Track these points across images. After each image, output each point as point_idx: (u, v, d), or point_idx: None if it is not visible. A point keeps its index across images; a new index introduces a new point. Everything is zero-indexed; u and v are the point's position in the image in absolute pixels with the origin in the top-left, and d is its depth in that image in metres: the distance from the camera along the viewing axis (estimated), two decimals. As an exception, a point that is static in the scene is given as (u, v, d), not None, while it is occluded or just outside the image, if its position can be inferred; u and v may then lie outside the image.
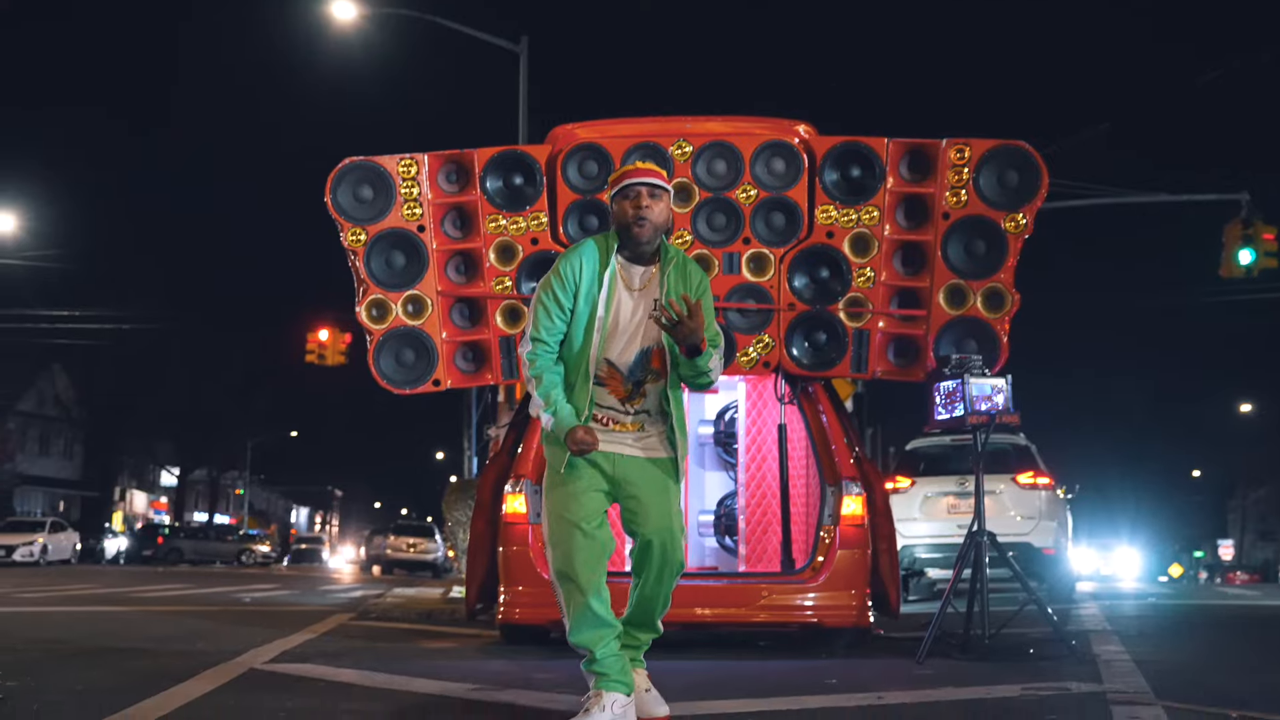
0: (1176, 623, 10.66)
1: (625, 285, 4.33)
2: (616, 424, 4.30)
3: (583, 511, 4.22)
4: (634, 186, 4.30)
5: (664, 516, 4.26)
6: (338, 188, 7.35)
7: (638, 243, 4.30)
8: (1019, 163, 7.23)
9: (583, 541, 4.19)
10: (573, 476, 4.26)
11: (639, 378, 4.30)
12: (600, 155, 7.39)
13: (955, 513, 14.19)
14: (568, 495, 4.25)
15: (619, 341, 4.28)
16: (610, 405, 4.30)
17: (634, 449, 4.30)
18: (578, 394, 4.27)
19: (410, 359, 7.45)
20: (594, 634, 4.18)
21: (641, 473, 4.29)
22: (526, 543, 7.16)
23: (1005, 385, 6.84)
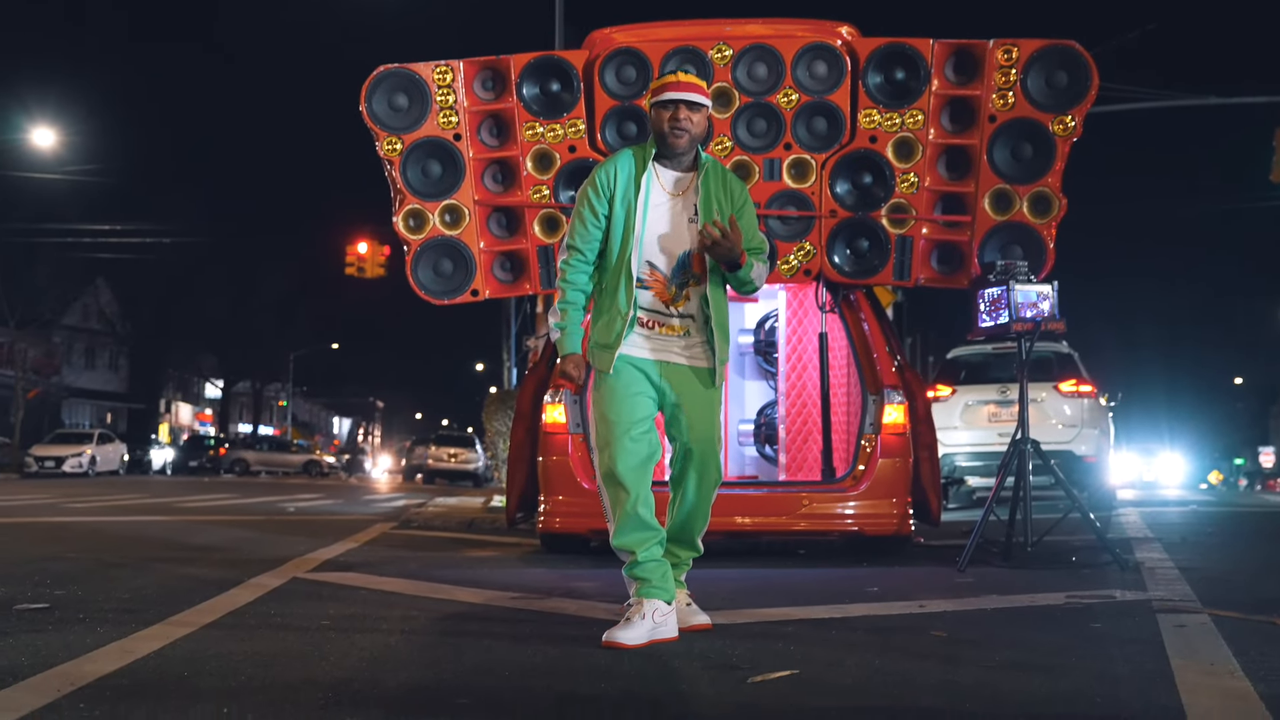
0: (1219, 530, 10.59)
1: (663, 189, 4.34)
2: (662, 326, 4.30)
3: (630, 415, 4.23)
4: (673, 100, 4.30)
5: (708, 426, 4.31)
6: (372, 96, 7.26)
7: (674, 151, 4.33)
8: (1068, 63, 7.03)
9: (630, 445, 4.20)
10: (620, 381, 4.27)
11: (681, 280, 4.31)
12: (638, 60, 7.25)
13: (996, 421, 14.12)
14: (615, 399, 4.26)
15: (660, 245, 4.29)
16: (655, 308, 4.30)
17: (680, 356, 4.31)
18: (622, 296, 4.27)
19: (448, 269, 7.40)
20: (638, 536, 4.20)
21: (687, 381, 4.30)
22: (566, 452, 7.16)
23: (1051, 292, 6.73)
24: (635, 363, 4.28)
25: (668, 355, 4.30)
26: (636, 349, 4.29)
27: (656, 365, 4.29)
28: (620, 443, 4.20)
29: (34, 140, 31.34)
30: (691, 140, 4.32)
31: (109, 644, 3.93)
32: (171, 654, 3.78)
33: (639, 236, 4.28)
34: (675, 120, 4.28)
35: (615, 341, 4.27)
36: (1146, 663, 3.62)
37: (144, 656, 3.72)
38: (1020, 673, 3.49)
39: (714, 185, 4.35)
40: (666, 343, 4.30)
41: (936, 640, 4.14)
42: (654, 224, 4.30)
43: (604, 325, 4.30)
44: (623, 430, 4.20)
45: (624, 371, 4.27)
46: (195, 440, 52.58)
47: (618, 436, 4.20)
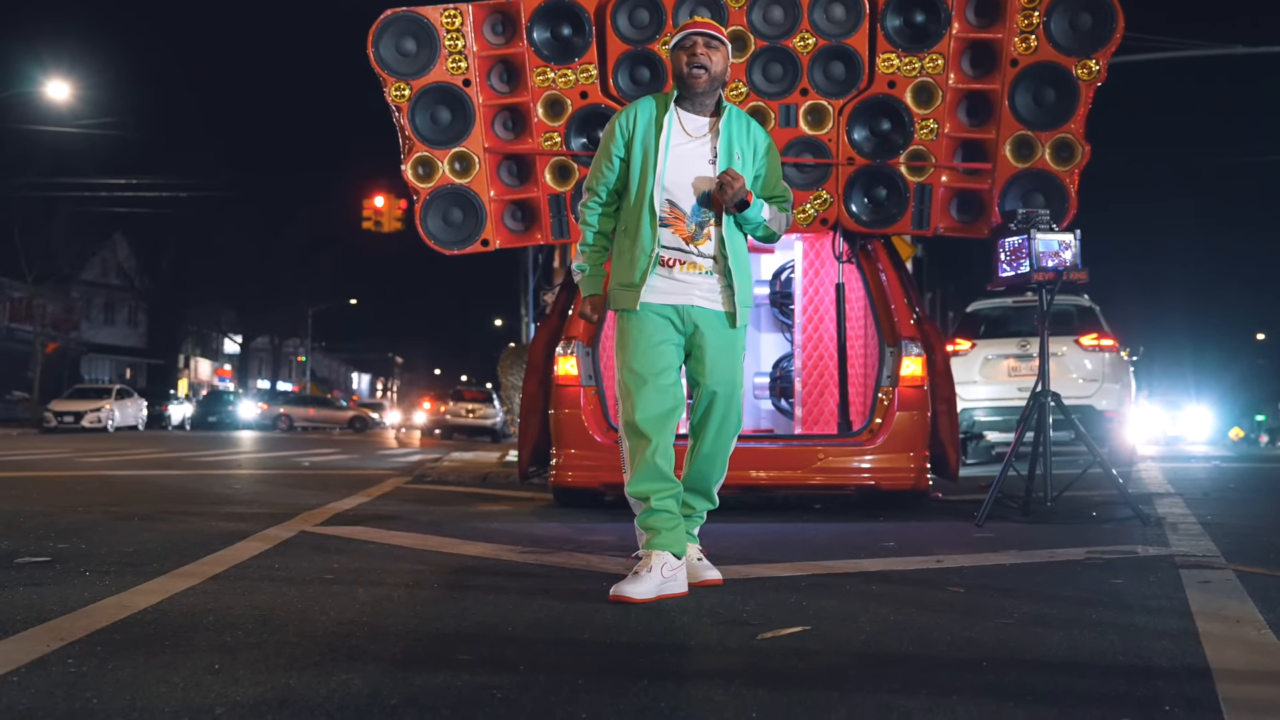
0: (1242, 485, 10.44)
1: (684, 131, 4.31)
2: (684, 264, 4.25)
3: (655, 364, 4.19)
4: (690, 36, 4.29)
5: (730, 370, 4.28)
6: (379, 41, 7.11)
7: (694, 91, 4.28)
8: (1092, 5, 6.83)
9: (654, 395, 4.15)
10: (645, 328, 4.22)
11: (702, 219, 4.27)
12: (652, 3, 7.07)
13: (1015, 375, 13.98)
14: (639, 348, 4.21)
15: (680, 183, 4.26)
16: (676, 246, 4.26)
17: (703, 299, 4.26)
18: (646, 232, 4.23)
19: (458, 218, 7.27)
20: (654, 485, 4.13)
21: (709, 324, 4.26)
22: (578, 405, 7.05)
23: (1074, 241, 6.58)
24: (658, 310, 4.23)
25: (689, 298, 4.25)
26: (659, 294, 4.23)
27: (678, 310, 4.24)
28: (643, 392, 4.15)
29: (49, 93, 31.22)
30: (711, 80, 4.28)
31: (106, 598, 3.85)
32: (169, 608, 3.70)
33: (660, 176, 4.24)
34: (693, 57, 4.25)
35: (640, 280, 4.22)
36: (1170, 619, 3.51)
37: (140, 610, 3.64)
38: (1040, 629, 3.37)
39: (736, 130, 4.32)
40: (688, 284, 4.24)
41: (953, 595, 4.03)
42: (674, 164, 4.26)
43: (626, 264, 4.26)
44: (647, 380, 4.16)
45: (648, 320, 4.22)
46: (214, 395, 52.71)
47: (641, 386, 4.16)
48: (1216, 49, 24.32)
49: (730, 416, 4.30)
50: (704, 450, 4.31)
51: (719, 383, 4.25)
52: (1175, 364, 63.11)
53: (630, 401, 4.18)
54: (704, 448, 4.31)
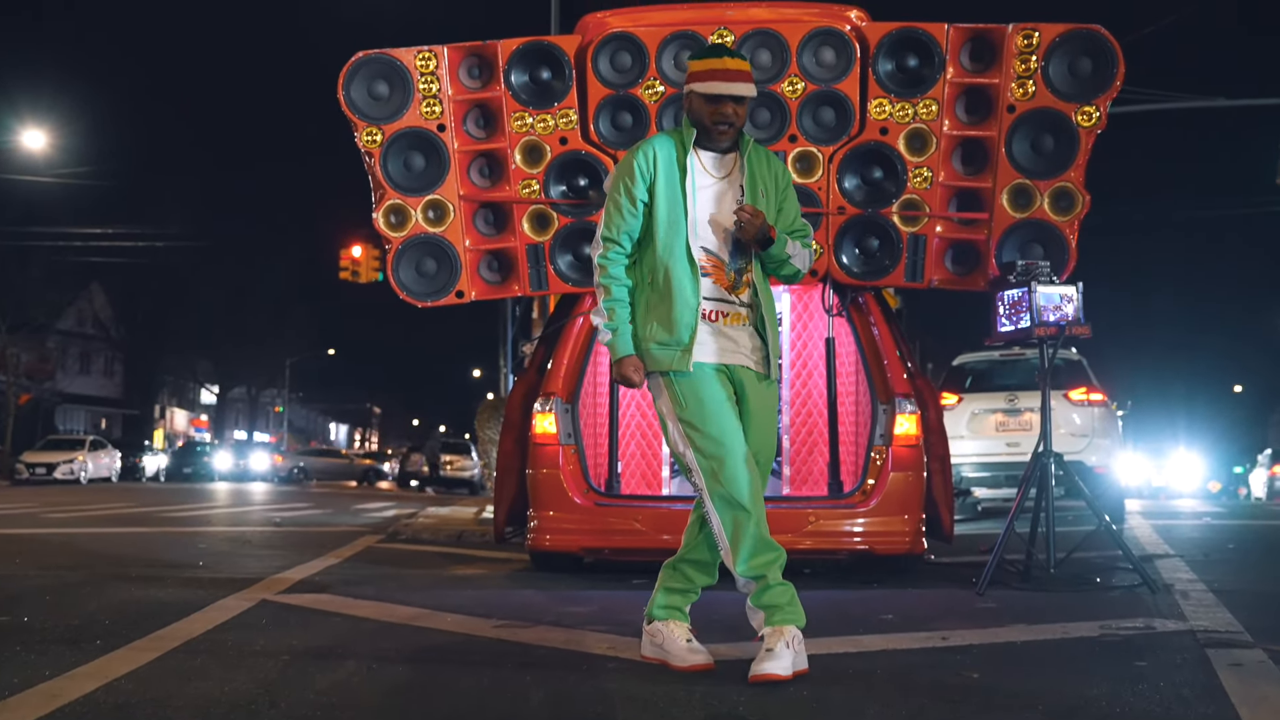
0: (1240, 545, 10.14)
1: (707, 172, 4.05)
2: (727, 316, 3.99)
3: (733, 427, 3.91)
4: (720, 96, 3.96)
5: (770, 435, 4.08)
6: (351, 84, 6.81)
7: (719, 144, 4.06)
8: (1092, 49, 6.59)
9: (743, 461, 3.86)
10: (708, 389, 3.93)
11: (739, 265, 4.02)
12: (634, 46, 6.80)
13: (1004, 430, 13.68)
14: (711, 411, 3.91)
15: (713, 229, 4.01)
16: (718, 296, 3.99)
17: (749, 359, 4.00)
18: (687, 286, 3.94)
19: (431, 269, 6.95)
20: (767, 558, 3.84)
21: (753, 387, 4.01)
22: (557, 465, 6.71)
23: (1076, 294, 6.31)
24: (712, 366, 3.96)
25: (736, 358, 3.99)
26: (709, 352, 3.97)
27: (728, 369, 3.99)
28: (733, 460, 3.84)
29: (25, 142, 30.91)
30: (735, 133, 4.05)
31: (38, 684, 3.50)
32: (103, 699, 3.34)
33: (693, 223, 3.98)
34: (721, 115, 3.98)
35: (689, 338, 3.93)
36: (1209, 707, 3.18)
37: (71, 701, 3.29)
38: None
39: (758, 165, 4.07)
40: (733, 340, 3.98)
41: (968, 681, 3.69)
42: (704, 208, 4.01)
43: (665, 321, 3.95)
44: (732, 446, 3.86)
45: (708, 379, 3.94)
46: (189, 446, 52.06)
47: (728, 454, 3.85)
48: (1198, 101, 24.36)
49: (767, 473, 4.08)
50: None
51: (760, 448, 4.00)
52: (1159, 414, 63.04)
53: (721, 473, 3.84)
54: None
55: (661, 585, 4.10)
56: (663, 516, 6.68)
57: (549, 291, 7.07)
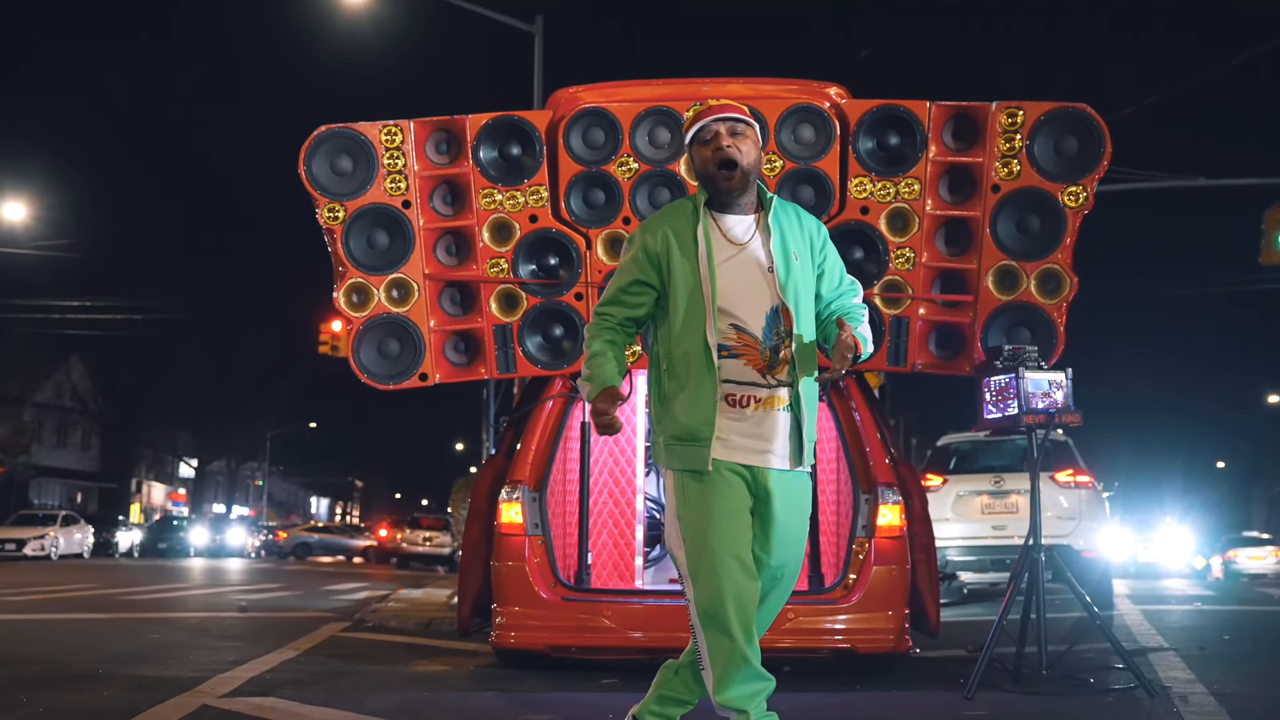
0: (1236, 636, 9.82)
1: (726, 239, 3.62)
2: (758, 402, 3.57)
3: (739, 540, 3.53)
4: (708, 127, 3.63)
5: (798, 543, 3.69)
6: (312, 158, 6.57)
7: (727, 193, 3.63)
8: (1079, 128, 6.40)
9: (741, 577, 3.49)
10: (719, 492, 3.53)
11: (774, 342, 3.58)
12: (607, 122, 6.59)
13: (990, 513, 13.38)
14: (719, 518, 3.52)
15: (739, 302, 3.58)
16: (750, 380, 3.57)
17: (779, 457, 3.59)
18: (705, 378, 3.54)
19: (394, 350, 6.67)
20: (749, 689, 3.48)
21: (784, 490, 3.61)
22: (523, 557, 6.39)
23: (1065, 380, 6.04)
24: (733, 469, 3.56)
25: (764, 458, 3.58)
26: (733, 450, 3.56)
27: (752, 471, 3.58)
28: (728, 576, 3.48)
29: (4, 214, 30.68)
30: (745, 174, 3.63)
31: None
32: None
33: (712, 299, 3.56)
34: (719, 151, 3.60)
35: (707, 431, 3.53)
36: None
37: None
38: None
39: (786, 223, 3.67)
40: (763, 433, 3.57)
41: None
42: (728, 281, 3.59)
43: (684, 412, 3.57)
44: (730, 561, 3.49)
45: (724, 483, 3.55)
46: (165, 521, 51.32)
47: (725, 568, 3.48)
48: (1180, 180, 24.37)
49: (783, 596, 3.70)
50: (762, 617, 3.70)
51: (785, 560, 3.63)
52: (1146, 490, 62.81)
53: (712, 587, 3.48)
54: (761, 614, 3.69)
55: (656, 688, 3.75)
56: (633, 613, 6.36)
57: (517, 374, 6.80)
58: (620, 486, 7.34)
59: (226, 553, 45.47)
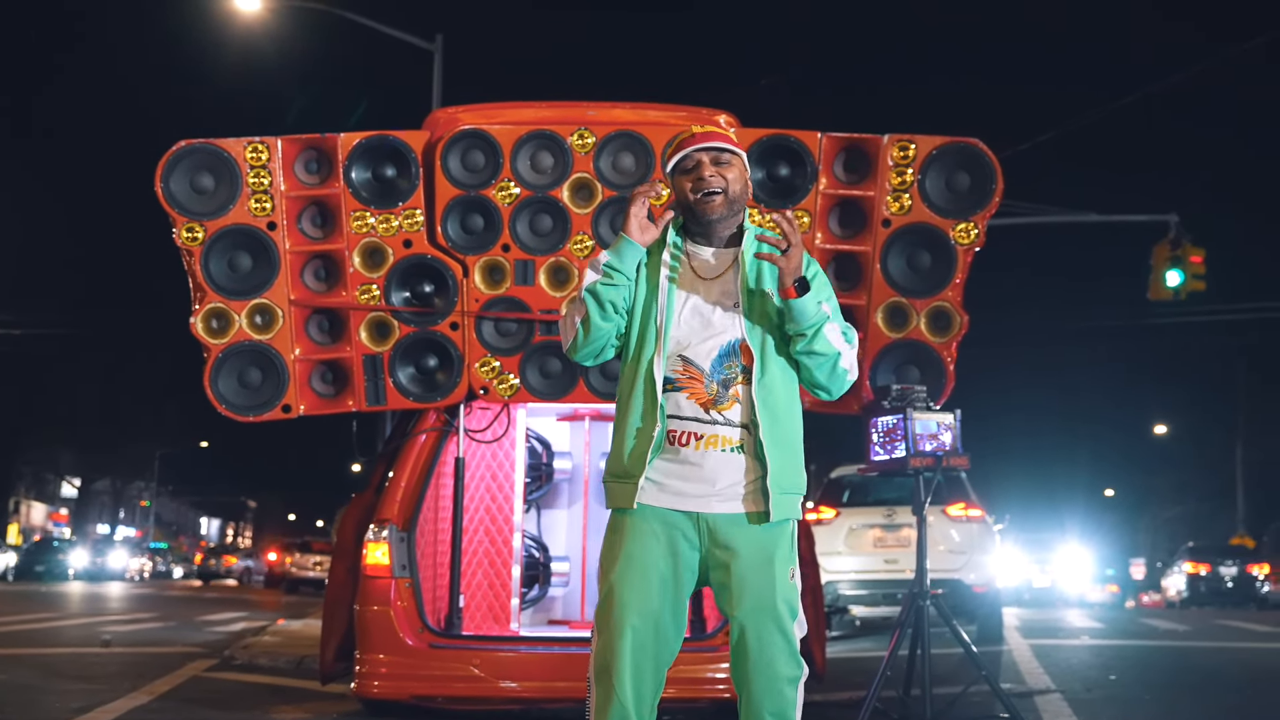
0: (1121, 675, 9.77)
1: (694, 271, 3.45)
2: (700, 439, 3.33)
3: (647, 595, 3.27)
4: (690, 156, 3.44)
5: (766, 594, 3.30)
6: (170, 174, 6.17)
7: (708, 218, 3.44)
8: (970, 163, 6.26)
9: (639, 629, 3.25)
10: (639, 543, 3.30)
11: (725, 376, 3.36)
12: (487, 144, 6.30)
13: (882, 546, 13.31)
14: (631, 568, 3.30)
15: (694, 334, 3.39)
16: (693, 415, 3.34)
17: (723, 503, 3.32)
18: (640, 406, 3.34)
19: (256, 380, 6.29)
20: None
21: (736, 534, 3.32)
22: (389, 601, 6.05)
23: (954, 422, 5.89)
24: (663, 516, 3.31)
25: (708, 503, 3.31)
26: (665, 494, 3.32)
27: (691, 518, 3.32)
28: (625, 631, 3.24)
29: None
30: (728, 203, 3.46)
31: None
32: None
33: (664, 328, 3.38)
34: (700, 180, 3.42)
35: (638, 469, 3.30)
36: None
37: None
38: None
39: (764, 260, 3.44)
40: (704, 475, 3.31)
41: None
42: (686, 312, 3.41)
43: (620, 445, 3.38)
44: (631, 615, 3.25)
45: (646, 532, 3.31)
46: (43, 542, 49.58)
47: (623, 620, 3.25)
48: (1071, 216, 24.75)
49: (777, 661, 3.28)
50: (752, 708, 3.30)
51: (753, 613, 3.28)
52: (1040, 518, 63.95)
53: (607, 642, 3.26)
54: (751, 705, 3.30)
55: None
56: (504, 661, 6.05)
57: (387, 407, 6.45)
58: (497, 524, 7.04)
59: (107, 576, 44.05)
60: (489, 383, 6.31)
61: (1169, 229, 22.66)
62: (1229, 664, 11.21)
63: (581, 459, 7.42)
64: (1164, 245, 22.55)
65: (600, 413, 7.28)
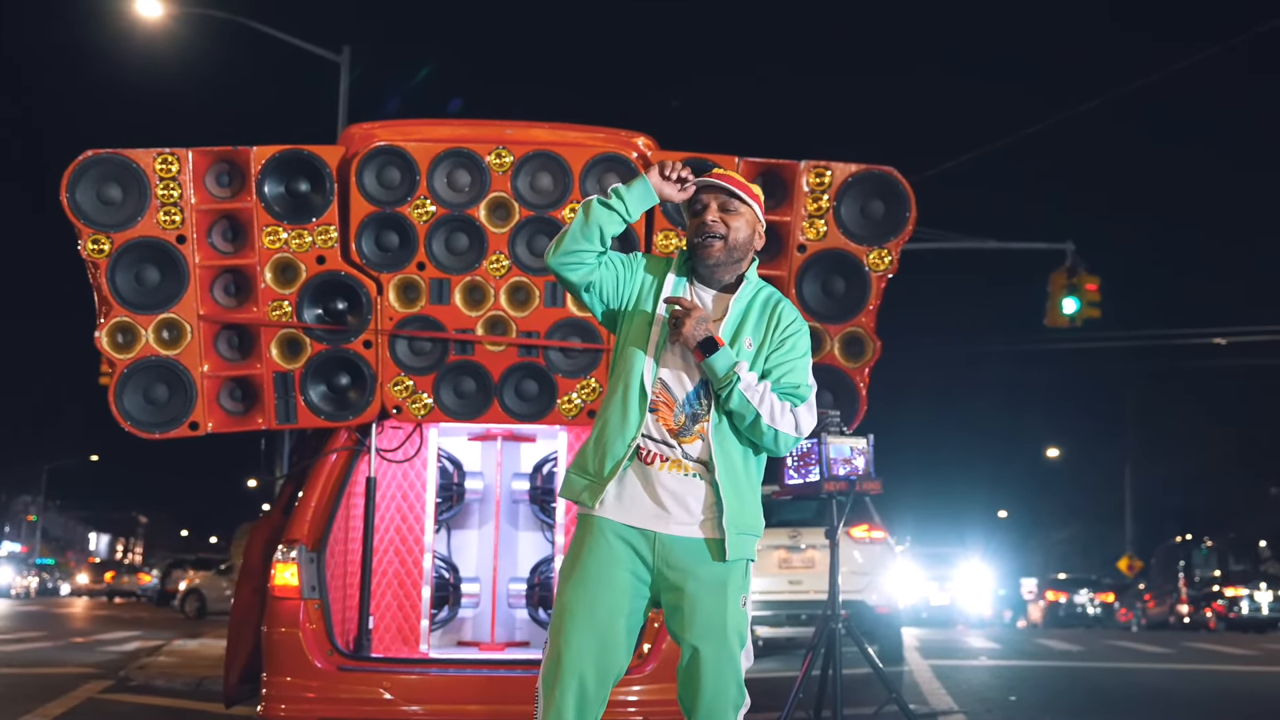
0: (1021, 697, 9.96)
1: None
2: (665, 461, 3.42)
3: (598, 606, 3.34)
4: (700, 197, 3.54)
5: (717, 618, 3.38)
6: (76, 185, 6.01)
7: (706, 262, 3.53)
8: (885, 191, 6.35)
9: (584, 643, 3.31)
10: (599, 551, 3.37)
11: (695, 411, 3.44)
12: (404, 161, 6.24)
13: (786, 567, 13.40)
14: (587, 573, 3.38)
15: (675, 363, 3.49)
16: (658, 438, 3.43)
17: (680, 526, 3.40)
18: (623, 414, 3.41)
19: (162, 396, 6.14)
20: None
21: (689, 558, 3.39)
22: (297, 623, 5.93)
23: (867, 446, 5.96)
24: (620, 532, 3.38)
25: (666, 523, 3.39)
26: (625, 509, 3.40)
27: (645, 537, 3.39)
28: (574, 643, 3.30)
29: None
30: (728, 250, 3.53)
31: None
32: None
33: (655, 350, 3.47)
34: (704, 226, 3.51)
35: (609, 473, 3.39)
36: None
37: None
38: None
39: (751, 309, 3.54)
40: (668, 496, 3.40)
41: None
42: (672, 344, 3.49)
43: (593, 446, 3.46)
44: (578, 627, 3.32)
45: (604, 541, 3.38)
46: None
47: (573, 634, 3.31)
48: (971, 243, 25.22)
49: (726, 686, 3.36)
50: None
51: (703, 636, 3.36)
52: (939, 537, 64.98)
53: (555, 651, 3.32)
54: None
55: None
56: (415, 684, 5.98)
57: (297, 425, 6.34)
58: (408, 545, 6.95)
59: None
60: (402, 402, 6.24)
61: (1065, 257, 23.24)
62: (1121, 684, 11.50)
63: (493, 479, 7.36)
64: (1060, 273, 23.11)
65: (513, 433, 7.24)
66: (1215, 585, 33.50)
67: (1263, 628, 29.32)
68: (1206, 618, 31.90)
